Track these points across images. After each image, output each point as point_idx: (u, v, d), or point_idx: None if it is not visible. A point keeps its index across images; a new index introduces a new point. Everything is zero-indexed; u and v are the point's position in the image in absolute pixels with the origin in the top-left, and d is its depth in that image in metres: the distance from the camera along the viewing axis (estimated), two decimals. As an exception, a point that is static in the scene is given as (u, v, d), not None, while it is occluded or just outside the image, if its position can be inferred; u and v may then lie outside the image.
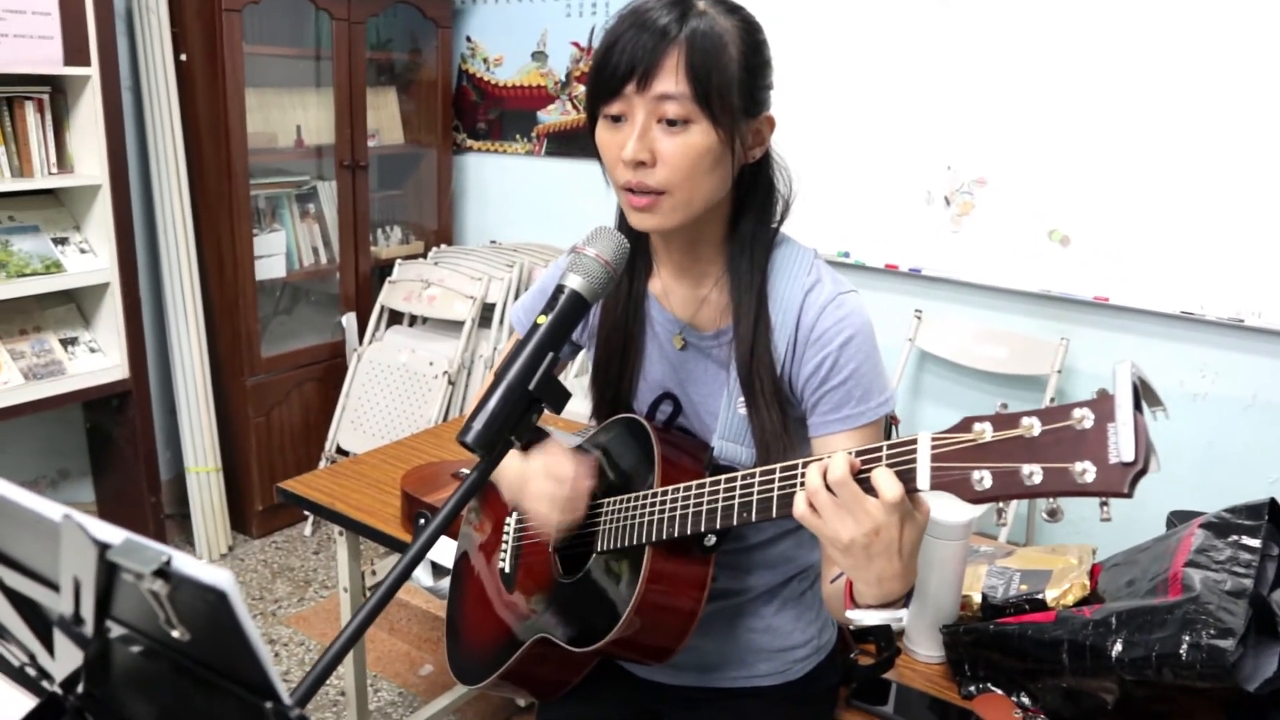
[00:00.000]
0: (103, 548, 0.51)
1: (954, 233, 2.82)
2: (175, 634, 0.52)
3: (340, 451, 3.39)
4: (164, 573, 0.48)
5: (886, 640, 1.51)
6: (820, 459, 0.93)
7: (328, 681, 2.55)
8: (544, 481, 1.15)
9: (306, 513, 3.25)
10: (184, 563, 0.48)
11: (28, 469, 3.16)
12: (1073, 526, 2.69)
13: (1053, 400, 2.70)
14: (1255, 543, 1.35)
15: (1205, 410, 2.59)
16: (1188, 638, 1.20)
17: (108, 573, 0.52)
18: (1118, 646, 1.26)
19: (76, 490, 3.26)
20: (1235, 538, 1.37)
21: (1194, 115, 2.43)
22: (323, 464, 3.39)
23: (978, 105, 2.71)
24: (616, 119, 1.07)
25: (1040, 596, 1.50)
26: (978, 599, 1.55)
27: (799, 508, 0.92)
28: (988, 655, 1.42)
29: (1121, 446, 0.72)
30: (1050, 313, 2.76)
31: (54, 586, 0.59)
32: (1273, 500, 1.40)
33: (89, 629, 0.59)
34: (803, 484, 0.93)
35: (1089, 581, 1.52)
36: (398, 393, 3.33)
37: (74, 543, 0.52)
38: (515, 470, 1.21)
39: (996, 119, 2.69)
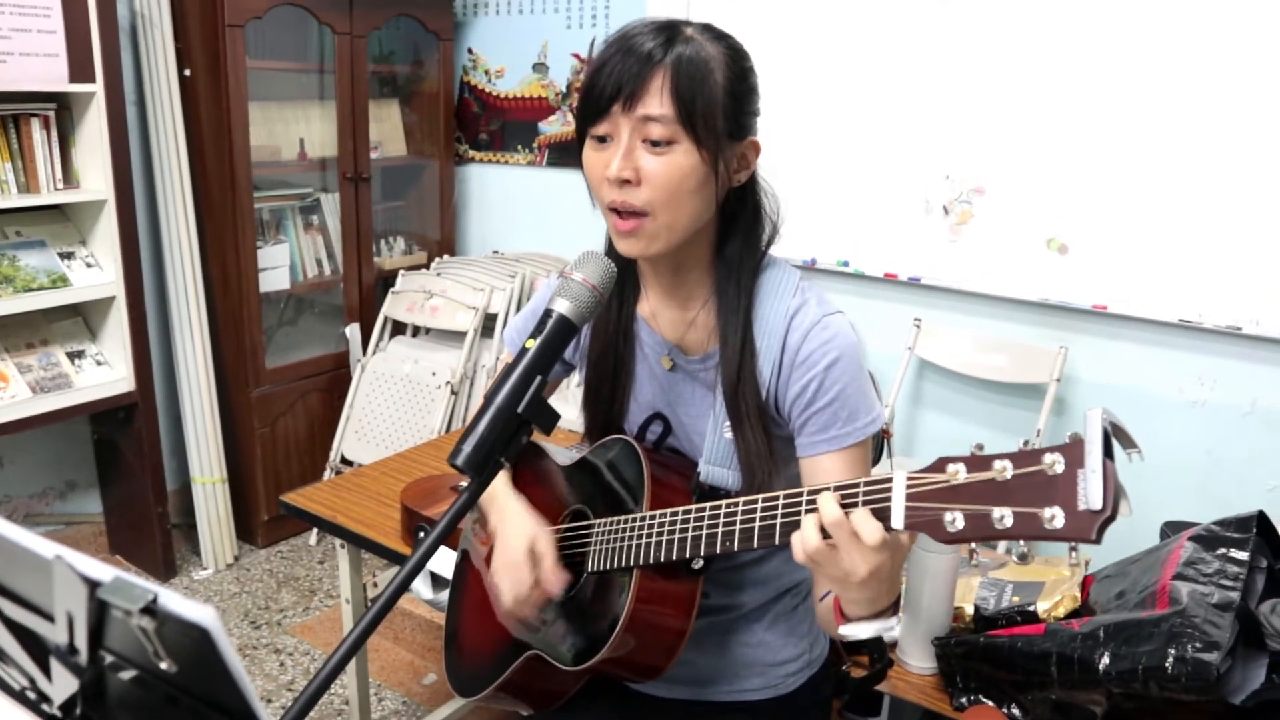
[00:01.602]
0: (93, 586, 0.53)
1: (952, 242, 2.83)
2: (164, 665, 0.54)
3: (345, 461, 3.41)
4: (150, 610, 0.50)
5: (879, 652, 1.53)
6: (808, 497, 0.95)
7: (332, 691, 2.58)
8: (517, 557, 1.21)
9: (311, 522, 3.28)
10: (169, 600, 0.50)
11: (36, 481, 3.19)
12: (1072, 534, 2.70)
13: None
14: (1243, 555, 1.36)
15: (1204, 418, 2.60)
16: (1173, 651, 1.22)
17: (98, 608, 0.54)
18: (1105, 659, 1.27)
19: (84, 502, 3.29)
20: (1223, 550, 1.38)
21: (1192, 124, 2.44)
22: (327, 474, 3.41)
23: (976, 114, 2.73)
24: (602, 139, 1.09)
25: (1031, 608, 1.51)
26: (970, 611, 1.56)
27: (798, 556, 0.94)
28: (978, 667, 1.43)
29: (1090, 494, 0.73)
30: (1049, 321, 2.77)
31: (49, 618, 0.61)
32: (1261, 513, 1.41)
33: (83, 659, 0.61)
34: (784, 517, 0.94)
35: (1080, 593, 1.53)
36: (401, 403, 3.35)
37: (65, 580, 0.54)
38: (512, 515, 1.26)
39: (994, 128, 2.71)
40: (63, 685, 0.69)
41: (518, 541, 1.21)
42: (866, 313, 3.04)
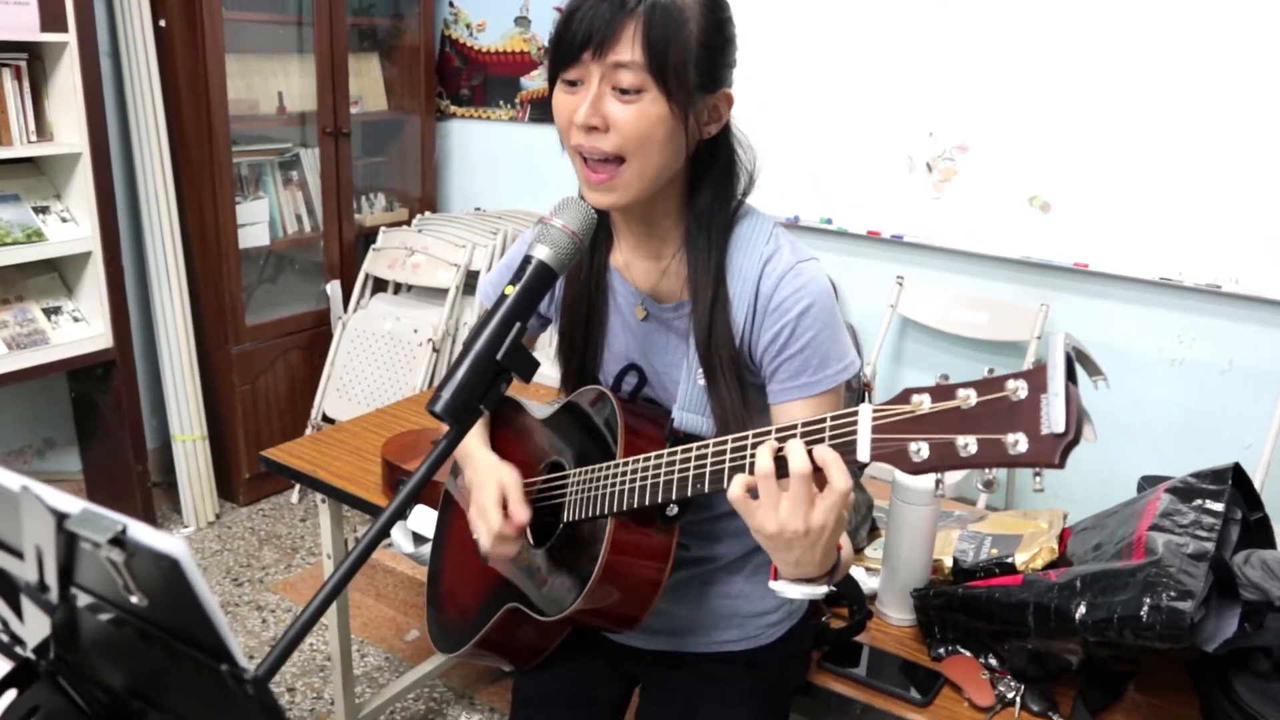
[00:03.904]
0: (60, 517, 0.52)
1: (935, 199, 2.82)
2: (135, 600, 0.54)
3: (326, 419, 3.40)
4: (119, 541, 0.50)
5: (858, 604, 1.54)
6: (776, 436, 0.95)
7: (314, 647, 2.59)
8: (488, 498, 1.21)
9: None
10: (139, 531, 0.50)
11: (13, 439, 3.17)
12: (1052, 491, 2.72)
13: (1035, 358, 2.73)
14: (1218, 507, 1.37)
15: (1183, 375, 2.62)
16: (1148, 600, 1.23)
17: (68, 542, 0.54)
18: (1081, 609, 1.28)
19: (63, 459, 3.27)
20: (1199, 502, 1.39)
21: (1174, 82, 2.43)
22: (309, 431, 3.40)
23: (959, 71, 2.71)
24: (572, 84, 1.08)
25: (1010, 560, 1.52)
26: (949, 563, 1.57)
27: (734, 492, 0.95)
28: (956, 618, 1.44)
29: (1053, 417, 0.73)
30: (1031, 279, 2.78)
31: (18, 554, 0.60)
32: (1236, 465, 1.43)
33: (54, 595, 0.60)
34: (752, 459, 0.94)
35: (1058, 545, 1.54)
36: (383, 360, 3.34)
37: (33, 513, 0.53)
38: (484, 465, 1.26)
39: (978, 85, 2.69)
40: (36, 627, 0.69)
41: (489, 484, 1.22)
42: (849, 270, 3.03)
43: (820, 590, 1.00)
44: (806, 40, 2.92)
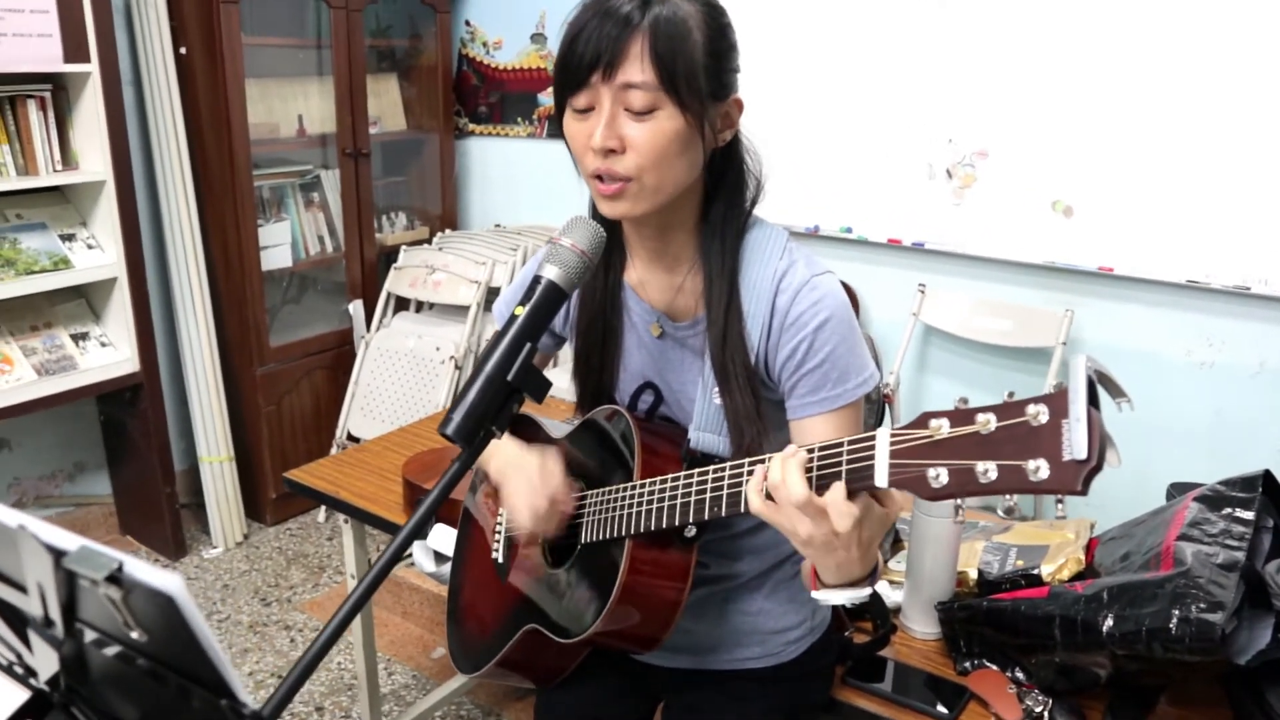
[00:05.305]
0: (58, 555, 0.52)
1: (956, 206, 2.80)
2: (135, 635, 0.54)
3: (351, 438, 3.42)
4: (116, 578, 0.50)
5: (882, 618, 1.52)
6: (776, 455, 0.94)
7: (341, 665, 2.59)
8: (526, 483, 1.20)
9: (319, 500, 3.28)
10: (135, 568, 0.50)
11: (44, 463, 3.20)
12: (1081, 498, 2.68)
13: (1055, 382, 2.70)
14: (1249, 515, 1.34)
15: (1212, 379, 2.58)
16: (1177, 612, 1.20)
17: (68, 579, 0.54)
18: (1109, 621, 1.26)
19: (93, 483, 3.31)
20: (1229, 510, 1.37)
21: (1197, 83, 2.40)
22: (334, 451, 3.42)
23: (978, 77, 2.69)
24: (584, 111, 1.07)
25: (1036, 572, 1.50)
26: (974, 575, 1.55)
27: (754, 504, 0.94)
28: (982, 631, 1.42)
29: (1075, 443, 0.70)
30: (1055, 284, 2.75)
31: (23, 589, 0.60)
32: (1267, 472, 1.40)
33: (59, 631, 0.60)
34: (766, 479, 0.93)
35: (1084, 556, 1.52)
36: (406, 378, 3.35)
37: (31, 551, 0.53)
38: (510, 454, 1.24)
39: (997, 90, 2.67)
40: (45, 659, 0.69)
41: (529, 465, 1.21)
42: (870, 279, 3.01)
43: (864, 592, 0.98)
44: (824, 50, 2.91)
